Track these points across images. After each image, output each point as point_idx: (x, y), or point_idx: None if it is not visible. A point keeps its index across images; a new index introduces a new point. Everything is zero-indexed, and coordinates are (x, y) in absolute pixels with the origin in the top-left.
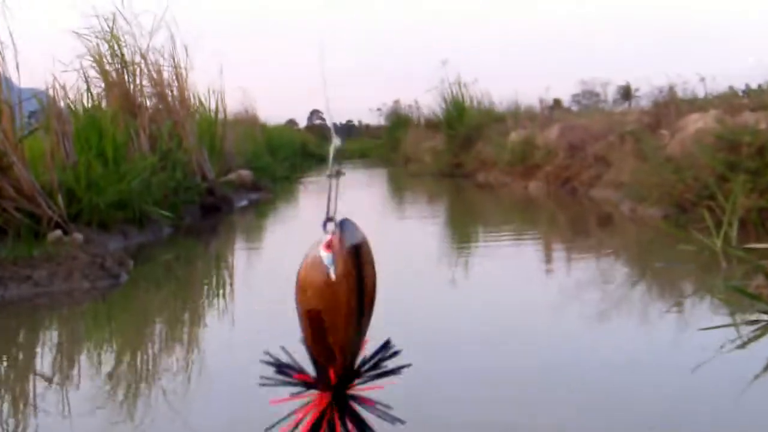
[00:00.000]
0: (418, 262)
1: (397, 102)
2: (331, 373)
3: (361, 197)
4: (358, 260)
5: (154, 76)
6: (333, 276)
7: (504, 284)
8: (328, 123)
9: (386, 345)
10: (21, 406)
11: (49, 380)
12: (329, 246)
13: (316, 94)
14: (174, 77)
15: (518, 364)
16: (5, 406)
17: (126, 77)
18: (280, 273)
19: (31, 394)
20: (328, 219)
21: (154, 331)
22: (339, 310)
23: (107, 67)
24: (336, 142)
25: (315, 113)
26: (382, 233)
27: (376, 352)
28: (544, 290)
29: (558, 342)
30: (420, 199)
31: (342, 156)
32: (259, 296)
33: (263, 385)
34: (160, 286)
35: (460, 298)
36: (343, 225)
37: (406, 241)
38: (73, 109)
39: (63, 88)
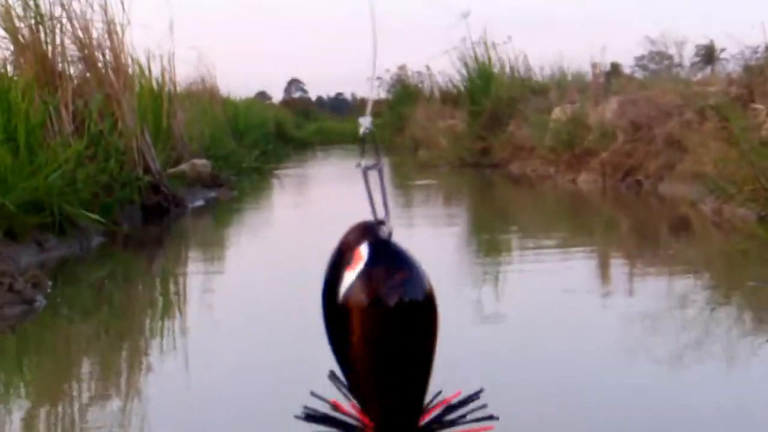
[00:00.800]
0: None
1: (402, 68)
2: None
3: (354, 198)
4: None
5: (80, 34)
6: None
7: (551, 316)
8: (370, 93)
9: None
10: None
11: None
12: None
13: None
14: (106, 36)
15: (574, 422)
16: None
17: (43, 36)
18: (248, 301)
19: None
20: (379, 221)
21: (79, 374)
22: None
23: (17, 22)
24: (365, 122)
25: (294, 83)
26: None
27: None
28: (604, 322)
29: (625, 391)
30: (433, 199)
31: (330, 141)
32: (220, 333)
33: (306, 418)
34: (88, 315)
35: (494, 334)
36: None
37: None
38: None
39: None
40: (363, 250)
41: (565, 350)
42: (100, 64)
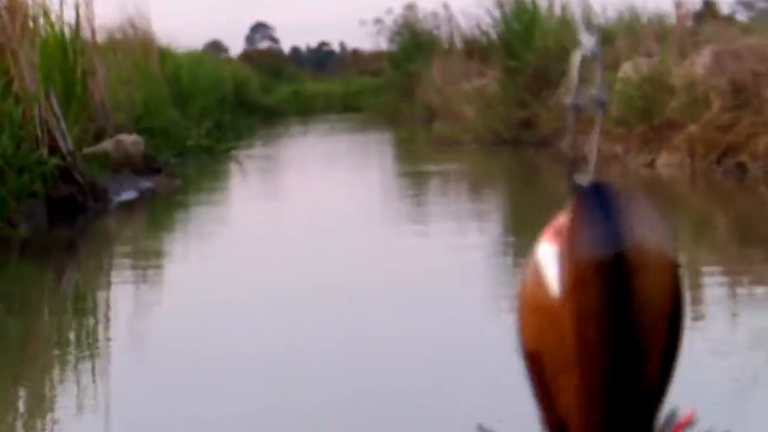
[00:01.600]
0: (476, 324)
1: (410, 8)
2: None
3: (342, 194)
4: (615, 264)
5: None
6: (556, 290)
7: None
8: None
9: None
10: None
11: None
12: (558, 233)
13: None
14: None
15: None
16: None
17: None
18: (185, 342)
19: None
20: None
21: None
22: (563, 348)
23: None
24: (588, 42)
25: (259, 30)
26: (391, 267)
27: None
28: (705, 358)
29: None
30: (454, 196)
31: (310, 109)
32: (142, 386)
33: None
34: None
35: None
36: (598, 194)
37: (439, 284)
38: None
39: None
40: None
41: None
42: None
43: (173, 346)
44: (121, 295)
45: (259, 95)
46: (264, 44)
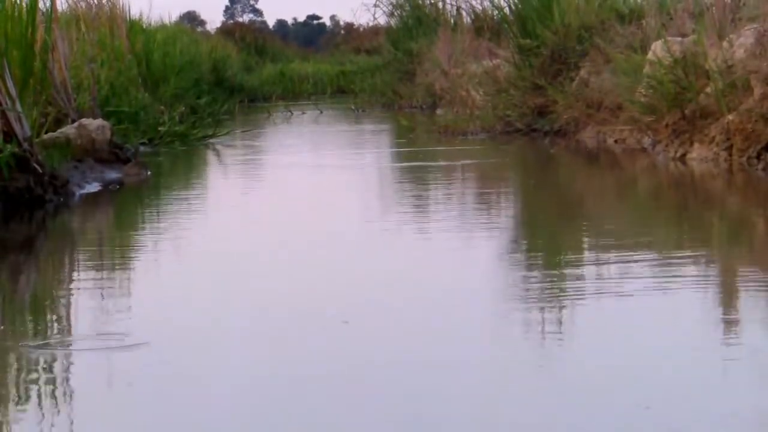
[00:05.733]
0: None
1: None
2: None
3: (336, 196)
4: None
5: None
6: None
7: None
8: None
9: None
10: None
11: None
12: None
13: None
14: None
15: None
16: None
17: None
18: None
19: None
20: None
21: None
22: None
23: None
24: None
25: (240, 0)
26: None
27: None
28: None
29: None
30: (458, 198)
31: (297, 92)
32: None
33: None
34: None
35: None
36: None
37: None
38: None
39: None
40: None
41: None
42: None
43: (143, 369)
44: (85, 304)
45: (240, 75)
46: (246, 17)
